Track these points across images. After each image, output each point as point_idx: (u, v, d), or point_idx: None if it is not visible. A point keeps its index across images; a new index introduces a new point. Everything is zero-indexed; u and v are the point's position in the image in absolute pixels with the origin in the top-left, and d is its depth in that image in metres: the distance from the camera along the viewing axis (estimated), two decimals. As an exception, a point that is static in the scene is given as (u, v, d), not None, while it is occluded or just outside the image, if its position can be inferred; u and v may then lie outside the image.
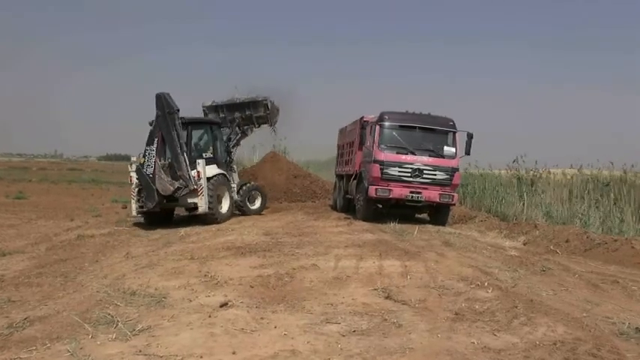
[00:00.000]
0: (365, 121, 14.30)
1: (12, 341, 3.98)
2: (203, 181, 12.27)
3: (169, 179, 11.81)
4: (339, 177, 17.60)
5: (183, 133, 12.39)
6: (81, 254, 8.28)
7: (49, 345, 3.86)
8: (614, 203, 12.86)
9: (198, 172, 12.24)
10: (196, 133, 13.64)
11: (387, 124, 12.99)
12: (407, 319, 4.63)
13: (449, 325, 4.50)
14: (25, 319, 4.54)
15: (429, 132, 13.09)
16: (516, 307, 4.96)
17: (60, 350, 3.74)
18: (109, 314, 4.57)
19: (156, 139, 11.98)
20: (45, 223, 12.10)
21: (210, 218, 12.62)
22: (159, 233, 10.90)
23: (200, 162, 12.40)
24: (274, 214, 15.26)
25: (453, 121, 13.26)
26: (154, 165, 11.77)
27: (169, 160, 12.08)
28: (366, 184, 13.03)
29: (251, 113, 15.71)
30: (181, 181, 11.87)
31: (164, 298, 5.22)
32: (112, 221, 12.91)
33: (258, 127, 16.25)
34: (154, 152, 11.88)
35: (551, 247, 9.92)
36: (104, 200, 20.19)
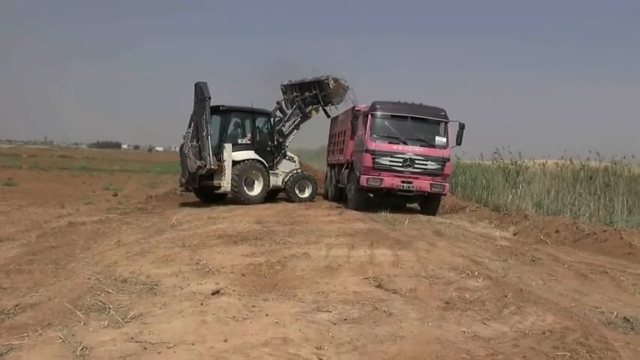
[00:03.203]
0: (357, 110, 14.29)
1: (3, 328, 3.96)
2: (227, 164, 13.49)
3: (194, 159, 13.12)
4: (331, 166, 17.62)
5: (213, 119, 13.62)
6: (72, 241, 8.23)
7: (40, 332, 3.84)
8: (602, 194, 12.97)
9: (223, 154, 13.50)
10: (236, 121, 14.81)
11: (379, 113, 13.00)
12: (398, 308, 4.66)
13: (439, 313, 4.54)
14: (17, 306, 4.52)
15: (421, 122, 13.11)
16: (506, 296, 5.01)
17: (52, 337, 3.72)
18: (101, 301, 4.55)
19: (192, 124, 13.35)
20: (35, 210, 11.98)
21: (236, 198, 13.90)
22: (150, 221, 10.86)
23: (226, 146, 13.65)
24: (266, 202, 15.25)
25: (444, 112, 13.30)
26: (189, 146, 13.23)
27: (199, 142, 13.30)
28: (358, 174, 13.04)
29: (316, 92, 16.41)
30: (202, 160, 13.10)
31: (156, 285, 5.21)
32: (103, 209, 12.83)
33: (325, 105, 16.78)
34: (190, 135, 13.38)
35: (541, 238, 10.01)
36: (95, 188, 20.02)
